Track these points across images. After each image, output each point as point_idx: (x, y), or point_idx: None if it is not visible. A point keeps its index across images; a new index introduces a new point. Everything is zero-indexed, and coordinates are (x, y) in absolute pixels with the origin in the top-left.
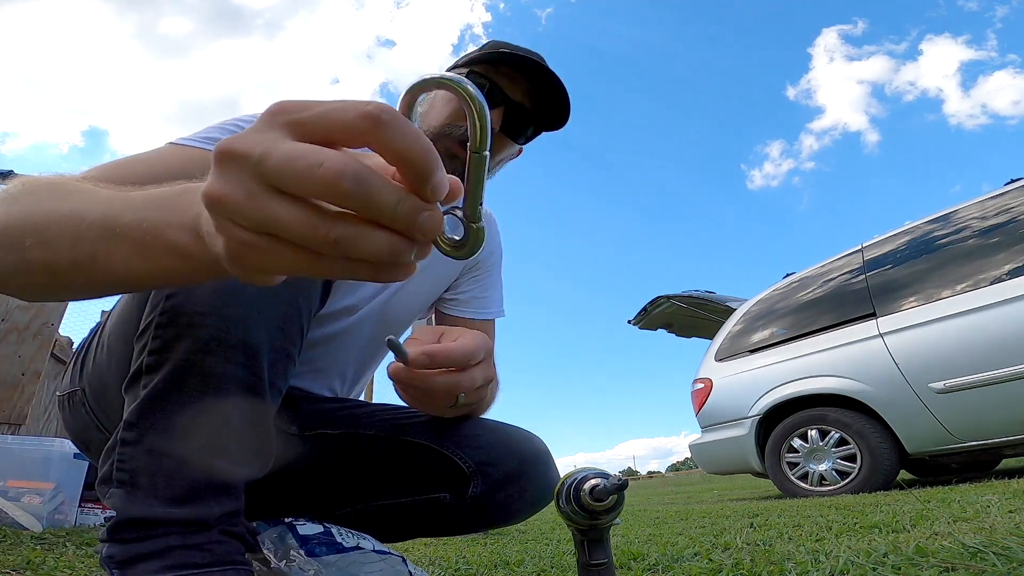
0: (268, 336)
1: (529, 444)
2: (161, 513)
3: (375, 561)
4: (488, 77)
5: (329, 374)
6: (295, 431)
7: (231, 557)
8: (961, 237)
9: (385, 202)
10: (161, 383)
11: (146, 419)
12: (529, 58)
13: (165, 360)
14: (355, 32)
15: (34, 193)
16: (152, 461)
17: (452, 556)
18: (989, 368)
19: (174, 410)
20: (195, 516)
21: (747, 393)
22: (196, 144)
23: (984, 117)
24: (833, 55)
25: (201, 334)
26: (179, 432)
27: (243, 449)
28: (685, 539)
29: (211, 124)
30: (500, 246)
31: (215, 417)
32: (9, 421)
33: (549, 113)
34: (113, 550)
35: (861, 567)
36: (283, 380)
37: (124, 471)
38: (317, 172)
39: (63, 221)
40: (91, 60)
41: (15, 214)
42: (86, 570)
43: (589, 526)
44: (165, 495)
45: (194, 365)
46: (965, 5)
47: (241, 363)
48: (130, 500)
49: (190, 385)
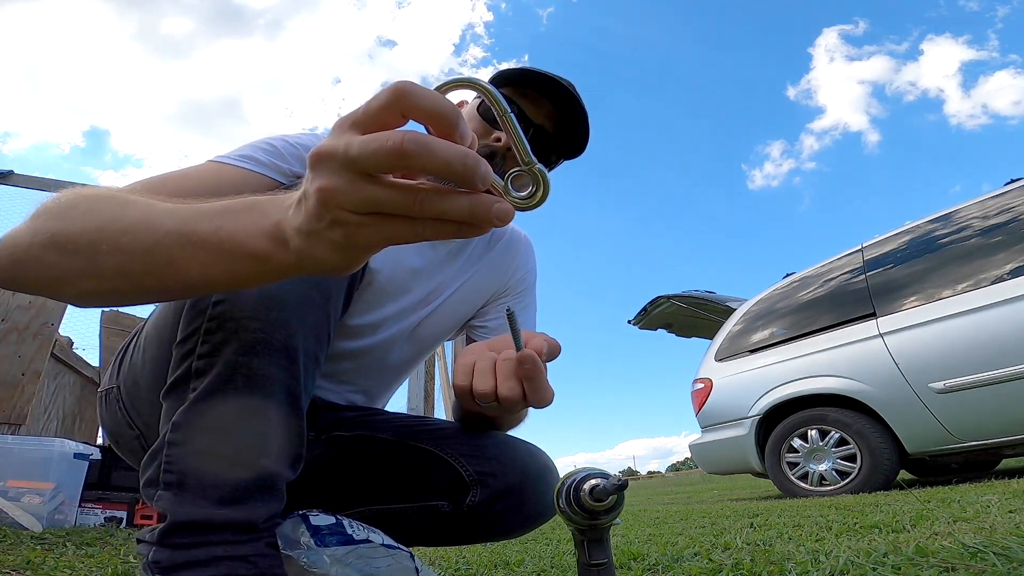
0: (304, 340)
1: (534, 459)
2: (211, 515)
3: (383, 556)
4: (510, 98)
5: (353, 388)
6: (312, 436)
7: (274, 571)
8: (961, 237)
9: (444, 154)
10: (209, 386)
11: (194, 421)
12: (554, 80)
13: (214, 363)
14: (356, 32)
15: (94, 203)
16: (200, 462)
17: (452, 556)
18: (989, 368)
19: (221, 412)
20: (244, 517)
21: (747, 393)
22: (235, 163)
23: (985, 117)
24: (834, 55)
25: (248, 337)
26: (226, 433)
27: (283, 450)
28: (685, 539)
29: (245, 143)
30: (534, 271)
31: (260, 418)
32: (9, 421)
33: (570, 139)
34: (160, 555)
35: (861, 567)
36: (313, 383)
37: (172, 472)
38: (387, 145)
39: (138, 228)
40: (92, 60)
41: (79, 221)
42: (86, 570)
43: (589, 526)
44: (214, 496)
45: (241, 367)
46: (966, 5)
47: (283, 365)
48: (179, 502)
49: (237, 386)
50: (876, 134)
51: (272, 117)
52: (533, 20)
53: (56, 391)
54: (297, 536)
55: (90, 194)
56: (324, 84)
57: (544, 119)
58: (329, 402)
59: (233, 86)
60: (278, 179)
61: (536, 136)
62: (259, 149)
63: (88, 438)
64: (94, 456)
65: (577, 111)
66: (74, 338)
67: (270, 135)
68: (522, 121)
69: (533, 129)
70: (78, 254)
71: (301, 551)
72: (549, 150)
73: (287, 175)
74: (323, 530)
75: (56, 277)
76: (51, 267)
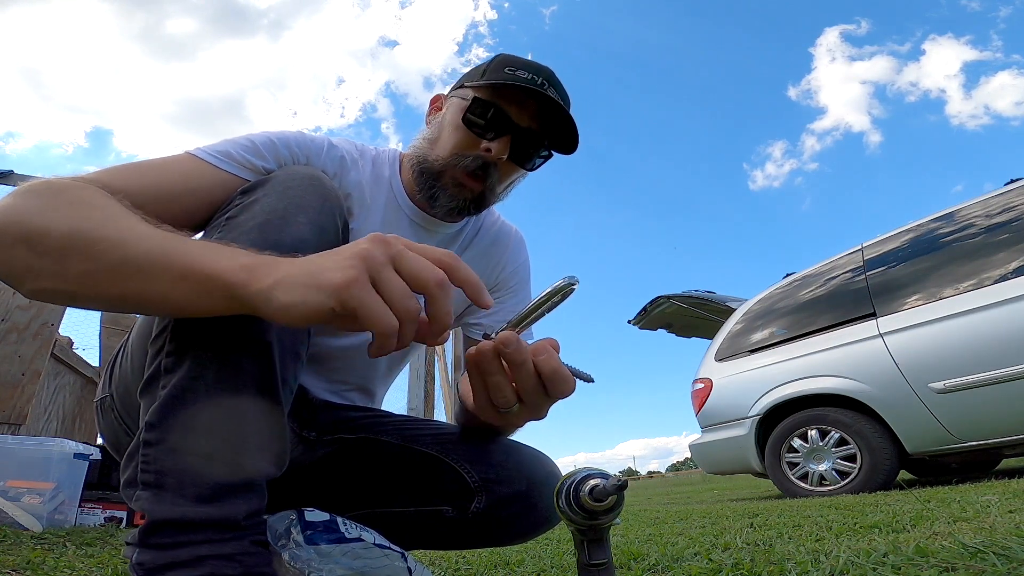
0: (279, 333)
1: (540, 466)
2: (190, 513)
3: (377, 556)
4: (494, 103)
5: (347, 386)
6: (313, 436)
7: (260, 569)
8: (961, 237)
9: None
10: (180, 382)
11: (167, 419)
12: (534, 79)
13: (183, 360)
14: (359, 32)
15: (76, 209)
16: (177, 460)
17: (452, 556)
18: (989, 368)
19: (194, 408)
20: (224, 515)
21: (747, 393)
22: (210, 160)
23: (986, 118)
24: (835, 55)
25: (217, 333)
26: (201, 430)
27: (262, 445)
28: (685, 539)
29: (226, 138)
30: (526, 265)
31: (234, 413)
32: (9, 421)
33: (560, 137)
34: (144, 556)
35: (861, 567)
36: (293, 377)
37: (149, 472)
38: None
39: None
40: (95, 61)
41: (58, 224)
42: (86, 570)
43: (589, 526)
44: (192, 494)
45: (211, 363)
46: (968, 5)
47: (256, 359)
48: (158, 501)
49: (208, 382)
50: (878, 135)
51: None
52: (536, 19)
53: (56, 391)
54: (287, 532)
55: (73, 197)
56: (327, 84)
57: (530, 120)
58: (327, 401)
59: (236, 86)
60: (247, 177)
61: (524, 136)
62: (238, 145)
63: (88, 438)
64: (94, 456)
65: (561, 108)
66: (74, 338)
67: (255, 131)
68: (507, 125)
69: (519, 131)
70: (48, 255)
71: (287, 546)
72: (539, 147)
73: (259, 172)
74: (316, 527)
75: (20, 272)
76: (18, 261)
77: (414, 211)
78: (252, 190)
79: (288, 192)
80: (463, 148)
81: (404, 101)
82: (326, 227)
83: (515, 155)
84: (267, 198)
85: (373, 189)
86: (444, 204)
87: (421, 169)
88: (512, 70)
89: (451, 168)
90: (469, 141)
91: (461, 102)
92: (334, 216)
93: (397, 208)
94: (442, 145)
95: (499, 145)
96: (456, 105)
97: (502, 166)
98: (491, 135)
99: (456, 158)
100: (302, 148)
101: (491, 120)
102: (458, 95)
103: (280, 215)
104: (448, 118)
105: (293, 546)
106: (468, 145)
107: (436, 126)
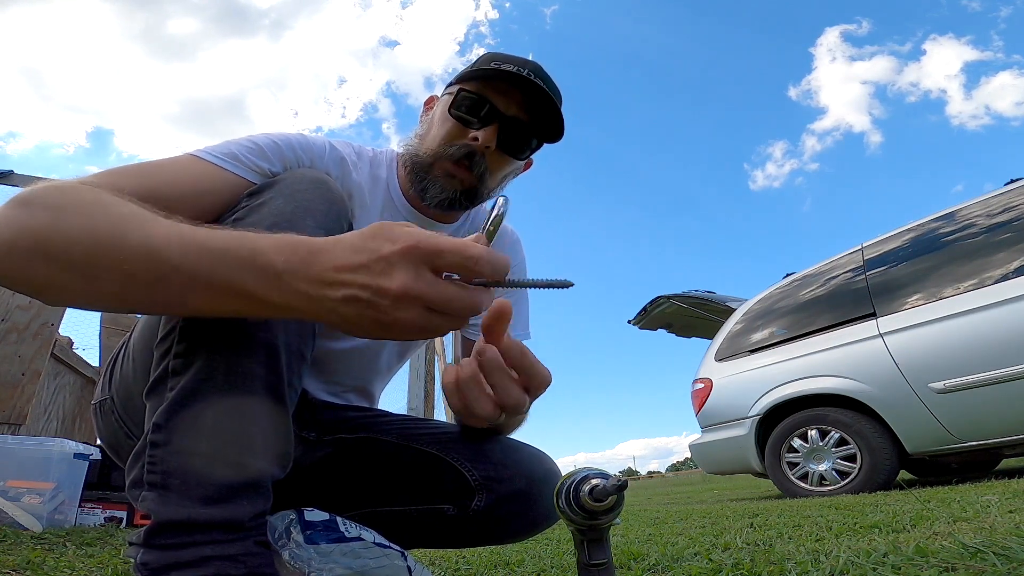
0: (286, 335)
1: (540, 464)
2: (196, 514)
3: (377, 556)
4: (480, 94)
5: (346, 388)
6: (313, 437)
7: (263, 570)
8: (961, 237)
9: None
10: (188, 384)
11: (174, 420)
12: (519, 73)
13: (192, 362)
14: (361, 32)
15: (85, 208)
16: (183, 461)
17: (452, 556)
18: (989, 368)
19: (202, 409)
20: (230, 516)
21: (747, 393)
22: (215, 160)
23: (987, 118)
24: (835, 55)
25: (226, 335)
26: (207, 431)
27: (268, 447)
28: (685, 539)
29: (227, 140)
30: (523, 266)
31: (241, 415)
32: (9, 421)
33: (547, 125)
34: (148, 556)
35: (861, 567)
36: (298, 379)
37: (155, 473)
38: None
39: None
40: (96, 61)
41: (70, 229)
42: (86, 570)
43: (589, 526)
44: (198, 495)
45: (220, 365)
46: (968, 5)
47: (264, 361)
48: (164, 502)
49: (216, 384)
50: (878, 135)
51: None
52: (537, 19)
53: (56, 391)
54: (287, 531)
55: (77, 200)
56: (329, 84)
57: (517, 110)
58: (328, 401)
59: (237, 86)
60: (254, 180)
61: (511, 125)
62: (242, 147)
63: (88, 438)
64: (94, 456)
65: (547, 96)
66: (74, 338)
67: (256, 133)
68: (494, 114)
69: (506, 120)
70: (73, 270)
71: (287, 546)
72: (528, 136)
73: (265, 175)
74: (316, 526)
75: (42, 286)
76: (38, 276)
77: (410, 211)
78: (259, 193)
79: (296, 195)
80: (451, 139)
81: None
82: (333, 230)
83: (503, 144)
84: (275, 201)
85: (371, 190)
86: (435, 195)
87: (412, 163)
88: (498, 63)
89: (440, 159)
90: (457, 132)
91: (449, 97)
92: (340, 219)
93: (394, 209)
94: (431, 138)
95: (486, 134)
96: (444, 101)
97: (492, 156)
98: (478, 125)
99: (444, 147)
100: (305, 150)
101: (477, 109)
102: (447, 92)
103: (288, 218)
104: (437, 113)
105: (293, 545)
106: (456, 136)
107: (426, 122)
